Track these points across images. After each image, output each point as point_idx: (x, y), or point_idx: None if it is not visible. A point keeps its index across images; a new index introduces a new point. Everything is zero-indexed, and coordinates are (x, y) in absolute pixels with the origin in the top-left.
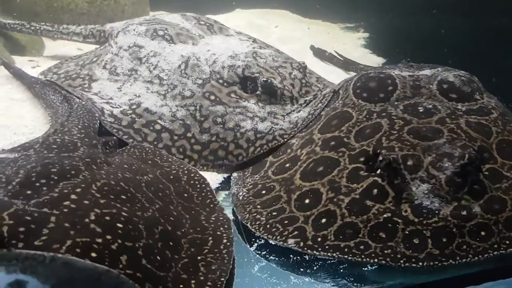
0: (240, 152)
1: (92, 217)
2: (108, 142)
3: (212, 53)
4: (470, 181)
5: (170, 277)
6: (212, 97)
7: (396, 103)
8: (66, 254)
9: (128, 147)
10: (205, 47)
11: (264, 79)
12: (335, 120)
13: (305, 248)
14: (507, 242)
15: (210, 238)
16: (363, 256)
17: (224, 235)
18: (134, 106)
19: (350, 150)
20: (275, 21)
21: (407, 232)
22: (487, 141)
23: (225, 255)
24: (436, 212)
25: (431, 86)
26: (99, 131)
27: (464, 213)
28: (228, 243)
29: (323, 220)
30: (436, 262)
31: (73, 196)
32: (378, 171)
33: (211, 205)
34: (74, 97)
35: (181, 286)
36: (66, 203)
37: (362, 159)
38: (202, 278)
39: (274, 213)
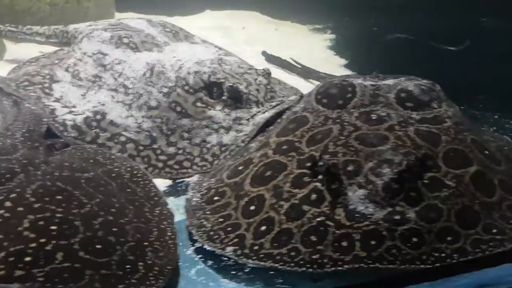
0: (205, 164)
1: (26, 225)
2: (54, 145)
3: (177, 59)
4: (407, 188)
5: (115, 260)
6: (178, 108)
7: (352, 110)
8: None
9: (69, 148)
10: (171, 54)
11: (230, 84)
12: (292, 124)
13: (241, 257)
14: (436, 254)
15: (155, 229)
16: (292, 265)
17: (168, 228)
18: (98, 117)
19: (299, 154)
20: (244, 23)
21: (336, 235)
22: (433, 149)
23: (171, 246)
24: (369, 216)
25: (389, 94)
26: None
27: (397, 217)
28: (173, 236)
29: (263, 228)
30: (362, 265)
31: (7, 204)
32: (320, 176)
33: (155, 198)
34: (23, 101)
35: (128, 266)
36: (1, 212)
37: (308, 164)
38: (149, 262)
39: (220, 220)
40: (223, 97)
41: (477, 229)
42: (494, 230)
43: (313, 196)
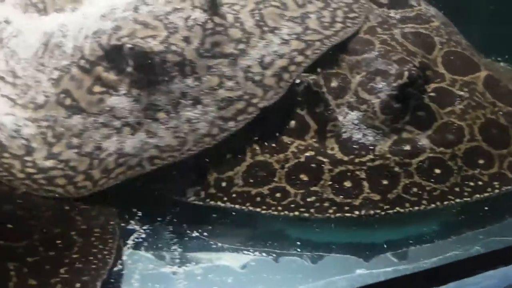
0: (85, 184)
1: None
2: None
3: (85, 17)
4: (412, 106)
5: None
6: (68, 101)
7: None
8: None
9: None
10: (85, 9)
11: (130, 45)
12: None
13: (207, 200)
14: (472, 184)
15: None
16: (280, 208)
17: None
18: None
19: None
20: None
21: (335, 174)
22: (429, 55)
23: None
24: (371, 148)
25: None
26: None
27: (408, 147)
28: None
29: (228, 155)
30: (378, 211)
31: None
32: (298, 98)
33: None
34: None
35: None
36: None
37: None
38: None
39: None
40: (127, 70)
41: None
42: None
43: (293, 124)
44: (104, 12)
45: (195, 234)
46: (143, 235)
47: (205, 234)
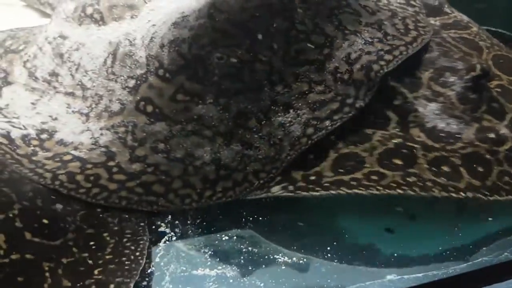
0: (189, 193)
1: None
2: None
3: (152, 24)
4: (487, 98)
5: None
6: (150, 108)
7: None
8: None
9: None
10: (148, 16)
11: (218, 55)
12: None
13: (298, 191)
14: None
15: None
16: (380, 188)
17: None
18: (44, 136)
19: None
20: None
21: (430, 159)
22: (480, 57)
23: None
24: (458, 135)
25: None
26: None
27: (492, 135)
28: None
29: (311, 156)
30: (482, 196)
31: None
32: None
33: None
34: None
35: None
36: None
37: None
38: None
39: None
40: (213, 79)
41: None
42: None
43: (372, 117)
44: (175, 20)
45: (225, 237)
46: (174, 238)
47: (235, 237)
